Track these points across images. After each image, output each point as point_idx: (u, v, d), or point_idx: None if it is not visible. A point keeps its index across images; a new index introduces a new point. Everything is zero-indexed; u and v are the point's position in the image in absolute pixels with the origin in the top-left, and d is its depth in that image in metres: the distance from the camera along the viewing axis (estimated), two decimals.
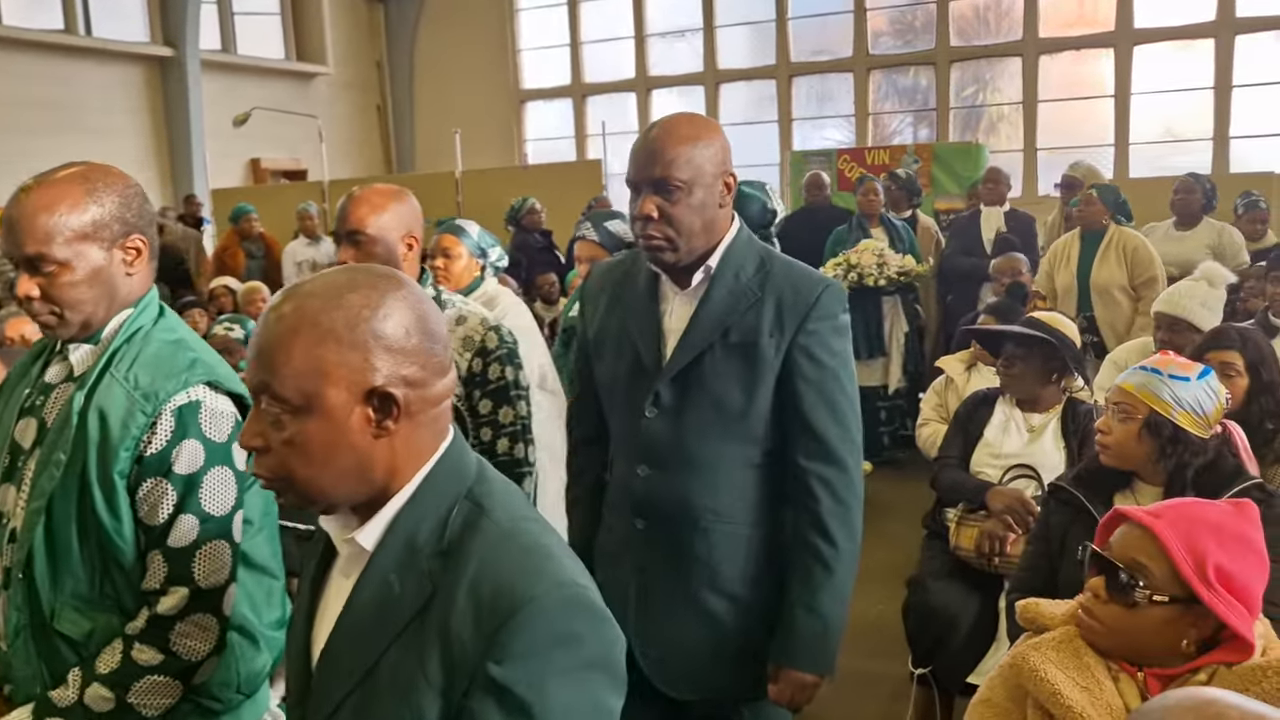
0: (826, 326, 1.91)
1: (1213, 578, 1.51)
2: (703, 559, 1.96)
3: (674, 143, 1.84)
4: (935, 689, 3.01)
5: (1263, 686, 1.47)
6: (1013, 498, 2.96)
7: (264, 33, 14.11)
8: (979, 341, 3.82)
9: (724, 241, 1.94)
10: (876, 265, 6.05)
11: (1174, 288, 3.67)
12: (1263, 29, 11.17)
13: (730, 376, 1.91)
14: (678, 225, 1.85)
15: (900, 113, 13.36)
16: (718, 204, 1.90)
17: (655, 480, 1.97)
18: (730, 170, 1.92)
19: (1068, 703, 1.53)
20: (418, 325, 1.11)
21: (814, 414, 1.91)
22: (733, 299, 1.91)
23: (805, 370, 1.90)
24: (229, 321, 4.28)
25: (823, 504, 1.91)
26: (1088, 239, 5.40)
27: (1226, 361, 2.82)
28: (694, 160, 1.84)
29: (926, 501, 3.51)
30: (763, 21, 13.48)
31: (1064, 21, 12.15)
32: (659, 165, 1.84)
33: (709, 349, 1.91)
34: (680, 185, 1.83)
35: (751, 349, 1.90)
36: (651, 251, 1.90)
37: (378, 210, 2.22)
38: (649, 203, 1.85)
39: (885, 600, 4.29)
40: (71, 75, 11.23)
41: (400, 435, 1.11)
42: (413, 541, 1.11)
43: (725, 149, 1.91)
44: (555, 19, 14.68)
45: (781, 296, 1.91)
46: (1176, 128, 11.96)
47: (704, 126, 1.90)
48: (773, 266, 1.95)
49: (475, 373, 2.29)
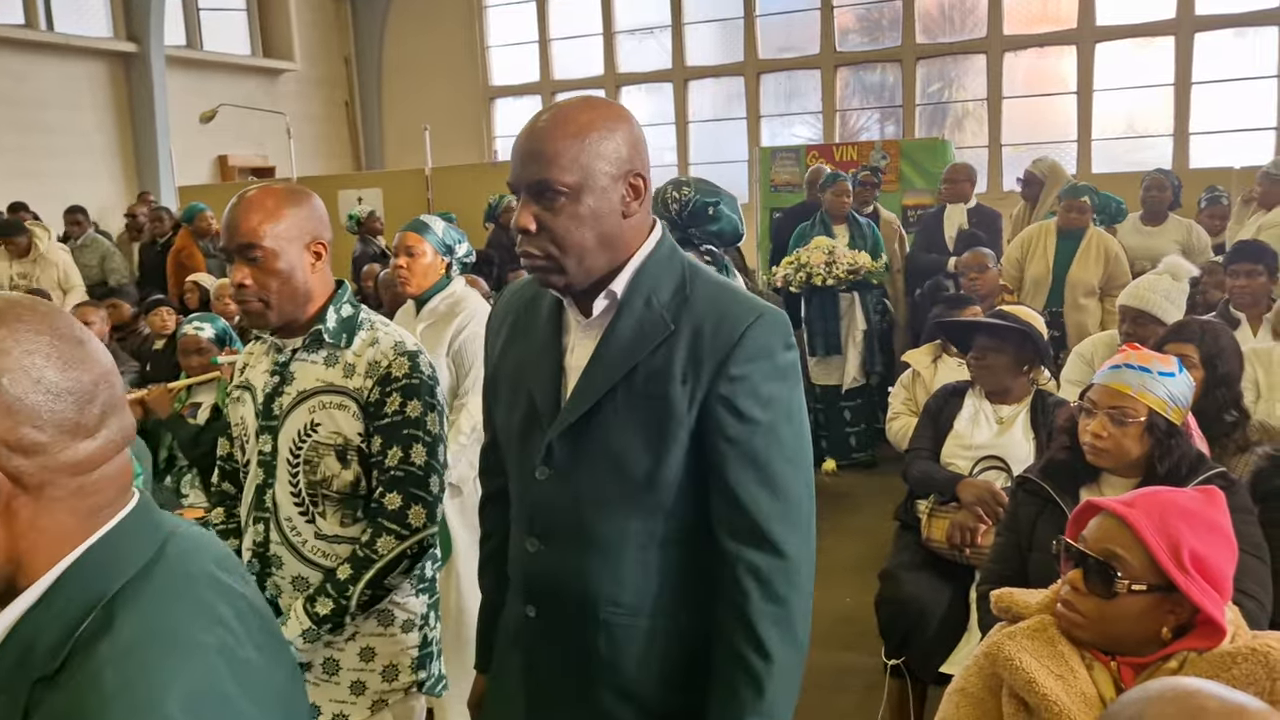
0: (758, 370, 1.47)
1: (1188, 564, 1.53)
2: (604, 659, 1.56)
3: (558, 136, 1.44)
4: (908, 679, 3.05)
5: (1232, 673, 1.50)
6: (983, 489, 3.00)
7: (230, 28, 13.96)
8: (947, 336, 3.86)
9: (635, 259, 1.52)
10: (825, 264, 5.98)
11: (1138, 281, 3.73)
12: (1221, 26, 11.33)
13: (634, 432, 1.49)
14: (561, 241, 1.46)
15: (867, 109, 13.43)
16: (620, 212, 1.49)
17: (546, 558, 1.58)
18: (639, 170, 1.50)
19: (1043, 691, 1.56)
20: (34, 376, 0.86)
21: (739, 483, 1.48)
22: (641, 332, 1.50)
23: (728, 427, 1.47)
24: (198, 321, 4.23)
25: (751, 601, 1.48)
26: (1066, 235, 5.46)
27: (1183, 354, 2.87)
28: (583, 158, 1.44)
29: (896, 494, 3.55)
30: (731, 19, 13.50)
31: (1027, 19, 12.27)
32: (538, 164, 1.45)
33: (609, 396, 1.50)
34: (564, 190, 1.44)
35: (659, 398, 1.48)
36: (534, 274, 1.52)
37: (273, 217, 1.91)
38: (526, 212, 1.47)
39: (857, 592, 4.33)
40: (33, 71, 11.06)
41: (22, 517, 0.87)
42: (27, 661, 0.86)
43: (632, 142, 1.50)
44: (524, 16, 14.63)
45: (699, 330, 1.48)
46: (1138, 123, 12.12)
47: (601, 115, 1.48)
48: (694, 290, 1.52)
49: (372, 403, 1.96)
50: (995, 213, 6.69)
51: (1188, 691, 0.91)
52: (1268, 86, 11.23)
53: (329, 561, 1.99)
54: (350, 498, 1.99)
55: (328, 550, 2.00)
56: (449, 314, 3.31)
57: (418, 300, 3.37)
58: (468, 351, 3.26)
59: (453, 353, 3.27)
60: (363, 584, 1.93)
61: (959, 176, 6.63)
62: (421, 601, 2.12)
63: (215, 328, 4.19)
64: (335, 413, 1.97)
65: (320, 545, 2.00)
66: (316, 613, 1.93)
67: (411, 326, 3.35)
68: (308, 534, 2.00)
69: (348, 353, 2.01)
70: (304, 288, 1.97)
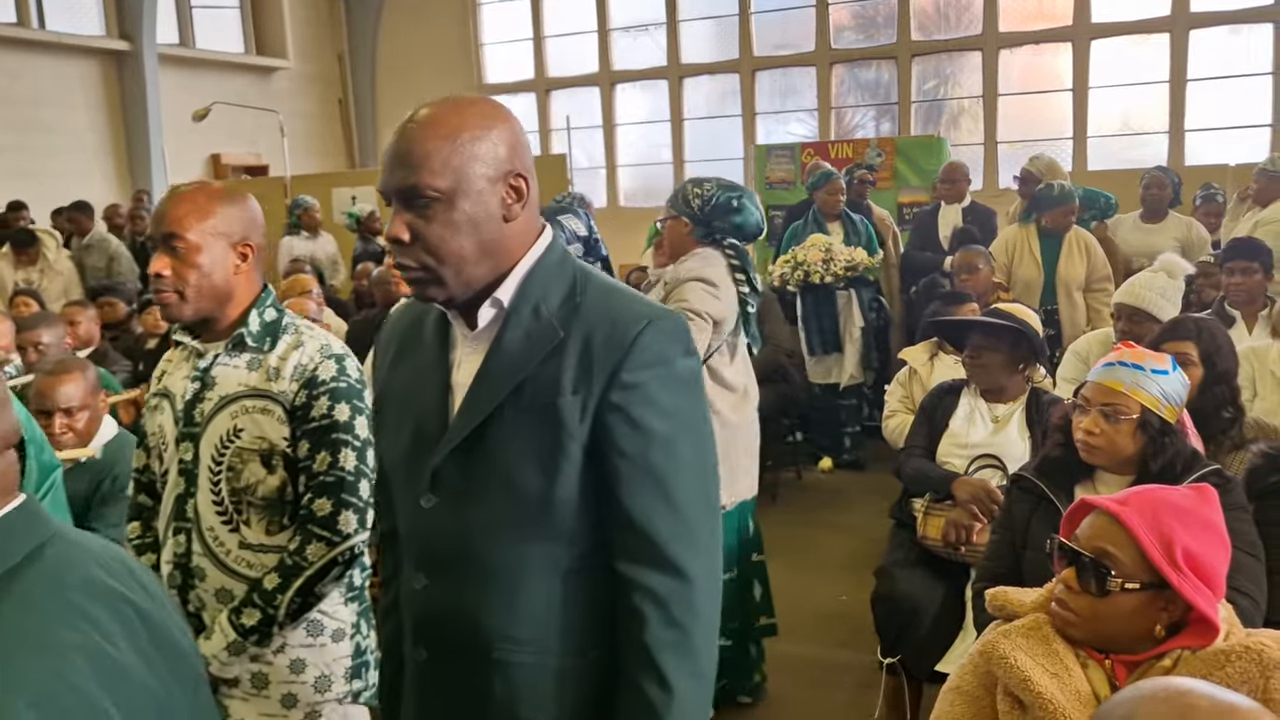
0: (654, 377, 1.37)
1: (1180, 561, 1.53)
2: (500, 702, 1.43)
3: (427, 138, 1.35)
4: (904, 677, 3.04)
5: (1226, 671, 1.50)
6: (978, 487, 2.99)
7: (223, 26, 13.92)
8: (942, 335, 3.86)
9: (521, 265, 1.43)
10: (822, 261, 5.97)
11: (1134, 279, 3.72)
12: (1216, 23, 11.34)
13: (525, 450, 1.39)
14: (437, 250, 1.37)
15: (862, 107, 13.42)
16: (500, 217, 1.40)
17: (434, 594, 1.46)
18: (520, 170, 1.41)
19: (1037, 689, 1.55)
20: None
21: (634, 500, 1.37)
22: (529, 343, 1.40)
23: (621, 439, 1.37)
24: None
25: (649, 628, 1.36)
26: (1048, 234, 5.46)
27: (1182, 352, 2.86)
28: (455, 161, 1.35)
29: (891, 492, 3.55)
30: (725, 16, 13.49)
31: (1023, 16, 12.27)
32: (406, 169, 1.36)
33: (497, 412, 1.39)
34: (436, 196, 1.35)
35: (549, 411, 1.37)
36: (411, 286, 1.43)
37: (203, 214, 1.90)
38: (398, 221, 1.37)
39: (853, 590, 4.33)
40: (25, 69, 11.02)
41: None
42: None
43: (511, 141, 1.40)
44: (518, 12, 14.61)
45: (590, 337, 1.38)
46: (1134, 121, 12.12)
47: (474, 114, 1.39)
48: (586, 296, 1.42)
49: (298, 407, 1.92)
50: (990, 210, 6.68)
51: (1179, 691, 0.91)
52: (1263, 83, 11.24)
53: (254, 572, 1.94)
54: (275, 504, 1.95)
55: (253, 560, 1.95)
56: None
57: None
58: None
59: None
60: (291, 592, 1.89)
61: (957, 176, 6.62)
62: (351, 610, 2.07)
63: None
64: (259, 417, 1.93)
65: (245, 555, 1.95)
66: (242, 624, 1.89)
67: None
68: (231, 544, 1.96)
69: (271, 356, 1.96)
70: (224, 287, 1.94)
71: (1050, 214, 5.43)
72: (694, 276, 3.20)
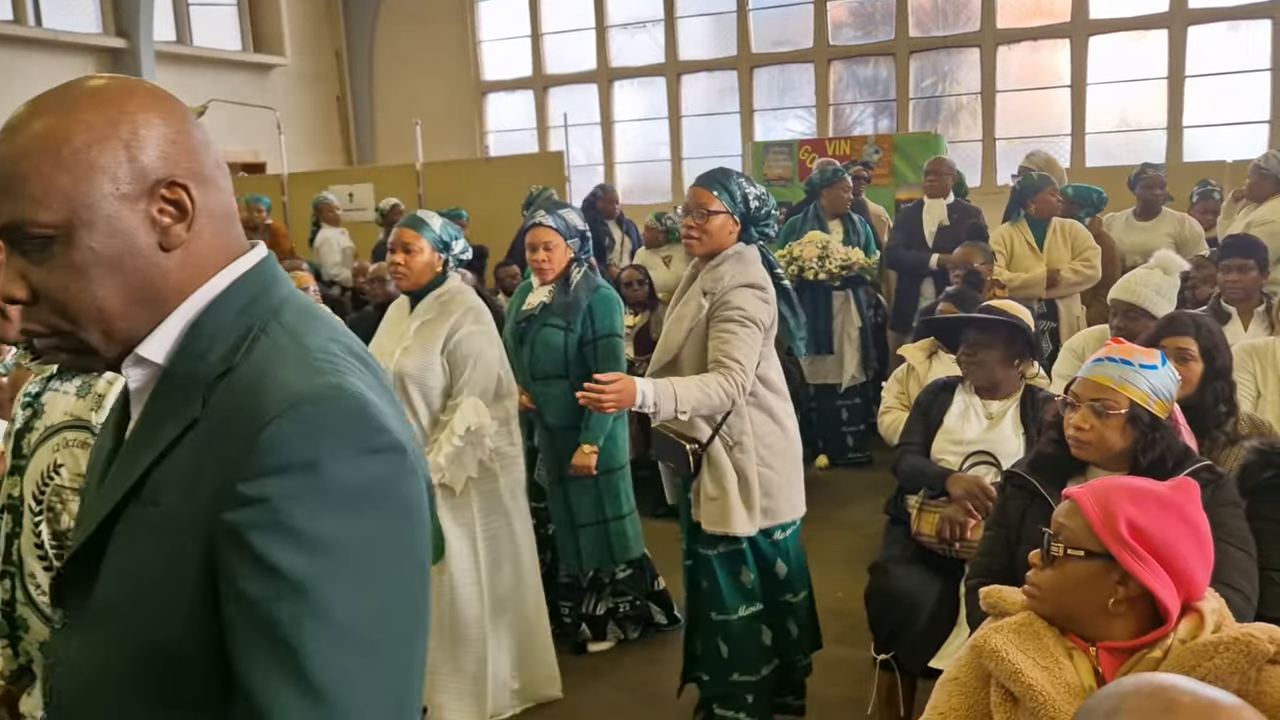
0: (288, 490, 0.91)
1: (1124, 532, 1.60)
2: None
3: (22, 153, 0.95)
4: (898, 673, 3.05)
5: (1215, 662, 1.51)
6: (972, 484, 3.00)
7: (220, 23, 13.91)
8: (934, 333, 3.85)
9: (187, 306, 1.02)
10: (818, 259, 5.94)
11: (1129, 275, 3.72)
12: (1214, 20, 11.35)
13: (143, 578, 0.97)
14: (65, 308, 0.98)
15: (861, 103, 13.42)
16: (154, 245, 1.00)
17: None
18: (177, 176, 1.01)
19: (1028, 681, 1.58)
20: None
21: (250, 670, 0.91)
22: (166, 420, 1.00)
23: (239, 578, 0.91)
24: None
25: None
26: (1038, 226, 5.47)
27: (1182, 347, 2.87)
28: (62, 180, 0.95)
29: (886, 488, 3.55)
30: (724, 12, 13.49)
31: (1021, 12, 12.27)
32: (1, 199, 0.97)
33: (119, 514, 1.00)
34: (47, 233, 0.96)
35: (167, 523, 0.97)
36: (53, 359, 1.07)
37: None
38: (7, 274, 0.98)
39: (848, 586, 4.34)
40: (21, 67, 11.01)
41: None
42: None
43: (160, 136, 1.00)
44: (516, 10, 14.60)
45: (224, 421, 0.97)
46: (1132, 117, 12.13)
47: (89, 106, 0.98)
48: (250, 355, 1.00)
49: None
50: (975, 208, 6.55)
51: (1162, 686, 0.93)
52: (1260, 80, 11.24)
53: None
54: None
55: None
56: (444, 312, 3.29)
57: (412, 296, 3.37)
58: (462, 351, 3.24)
59: (447, 352, 3.25)
60: None
61: (943, 169, 6.47)
62: None
63: None
64: (78, 451, 1.71)
65: None
66: None
67: (405, 323, 3.34)
68: None
69: (100, 382, 1.76)
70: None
71: (1036, 199, 5.46)
72: (743, 283, 2.97)
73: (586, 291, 3.67)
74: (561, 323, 3.66)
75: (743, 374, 2.85)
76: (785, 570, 3.20)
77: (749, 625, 3.13)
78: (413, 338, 3.28)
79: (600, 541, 3.78)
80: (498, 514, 3.39)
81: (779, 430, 3.09)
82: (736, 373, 2.85)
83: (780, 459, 3.07)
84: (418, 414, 3.26)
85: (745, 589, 3.11)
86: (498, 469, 3.36)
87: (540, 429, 3.79)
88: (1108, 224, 6.27)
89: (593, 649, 3.99)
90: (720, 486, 2.98)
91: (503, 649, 3.46)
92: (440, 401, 3.28)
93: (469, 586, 3.35)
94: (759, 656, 3.16)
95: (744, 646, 3.13)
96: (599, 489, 3.74)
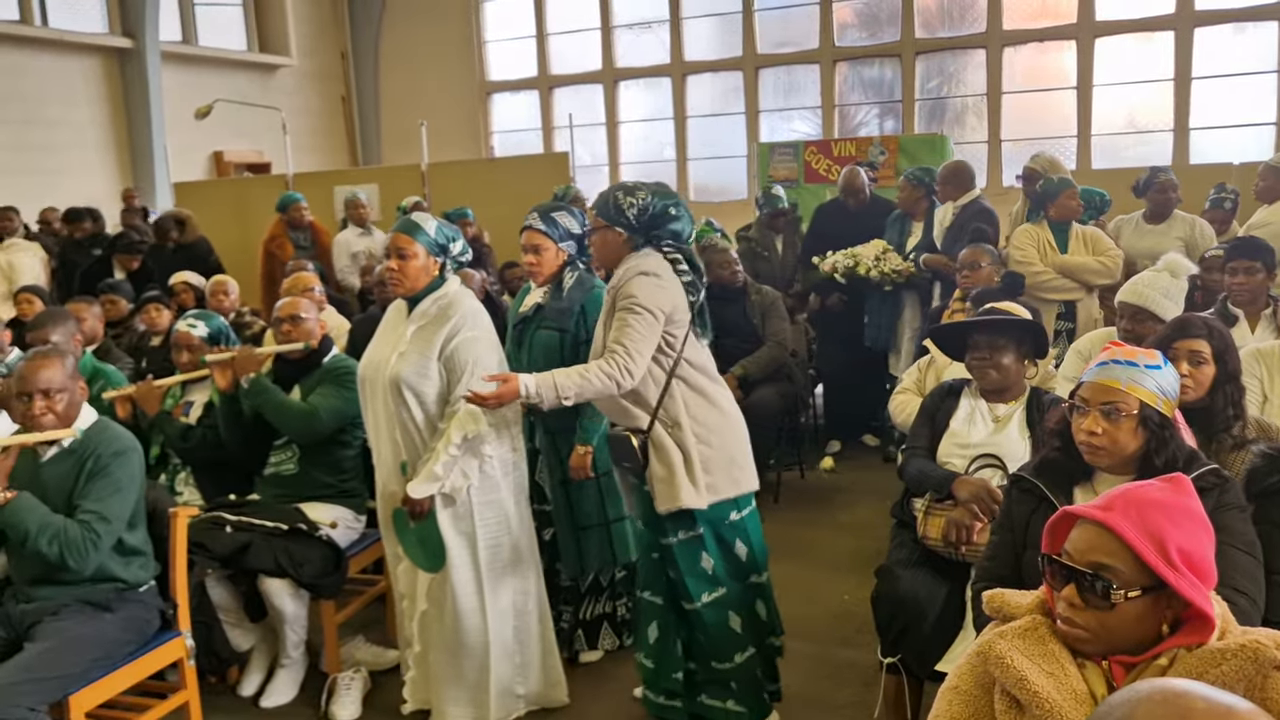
0: None
1: (1176, 559, 1.52)
2: None
3: None
4: (904, 676, 3.04)
5: (1222, 669, 1.49)
6: (978, 487, 2.98)
7: (226, 23, 13.94)
8: (936, 344, 3.78)
9: None
10: (874, 259, 6.21)
11: (1137, 278, 3.70)
12: (1220, 21, 11.32)
13: None
14: None
15: (866, 104, 13.41)
16: None
17: None
18: None
19: (1034, 688, 1.55)
20: None
21: None
22: None
23: None
24: (193, 318, 4.21)
25: None
26: (1058, 229, 5.45)
27: (1196, 350, 2.85)
28: None
29: (893, 490, 3.54)
30: (729, 13, 13.49)
31: (1027, 14, 12.25)
32: None
33: None
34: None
35: None
36: None
37: None
38: None
39: (855, 588, 4.33)
40: (28, 67, 11.04)
41: None
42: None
43: None
44: (521, 10, 14.61)
45: None
46: (1138, 119, 12.10)
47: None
48: None
49: None
50: (988, 210, 6.50)
51: (1176, 692, 0.91)
52: (1268, 81, 11.22)
53: None
54: None
55: None
56: (441, 317, 3.24)
57: (410, 300, 3.33)
58: (460, 356, 3.19)
59: (444, 358, 3.20)
60: None
61: (963, 180, 6.45)
62: None
63: (210, 326, 4.17)
64: None
65: None
66: None
67: (403, 327, 3.31)
68: None
69: None
70: None
71: (1055, 203, 5.43)
72: (638, 272, 3.09)
73: (580, 294, 3.65)
74: (556, 325, 3.65)
75: (626, 356, 3.02)
76: (746, 551, 3.27)
77: (716, 612, 3.21)
78: (409, 343, 3.23)
79: (602, 543, 3.76)
80: (499, 522, 3.36)
81: (714, 409, 3.20)
82: (620, 355, 3.02)
83: (717, 436, 3.18)
84: (414, 420, 3.22)
85: (707, 575, 3.20)
86: (499, 475, 3.33)
87: (541, 432, 3.78)
88: (1116, 227, 6.24)
89: (584, 659, 3.95)
90: (667, 466, 3.11)
91: (506, 656, 3.44)
92: (438, 408, 3.23)
93: (470, 596, 3.32)
94: (731, 644, 3.23)
95: (715, 634, 3.22)
96: (600, 491, 3.73)
